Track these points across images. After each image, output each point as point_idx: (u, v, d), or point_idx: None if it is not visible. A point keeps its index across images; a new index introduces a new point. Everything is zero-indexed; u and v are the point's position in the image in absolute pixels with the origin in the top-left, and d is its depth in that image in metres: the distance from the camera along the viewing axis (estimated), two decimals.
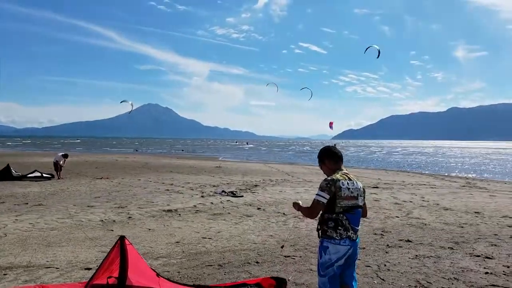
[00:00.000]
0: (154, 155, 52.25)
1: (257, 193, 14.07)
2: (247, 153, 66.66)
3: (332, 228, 3.45)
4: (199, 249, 6.83)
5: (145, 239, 7.44)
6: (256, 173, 22.89)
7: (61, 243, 7.18)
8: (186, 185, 16.29)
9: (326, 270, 3.47)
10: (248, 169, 26.58)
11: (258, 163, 36.93)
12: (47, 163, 25.53)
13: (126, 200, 12.22)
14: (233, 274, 5.56)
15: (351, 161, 43.14)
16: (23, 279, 5.24)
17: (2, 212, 9.98)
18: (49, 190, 14.34)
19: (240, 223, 9.00)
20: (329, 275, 3.47)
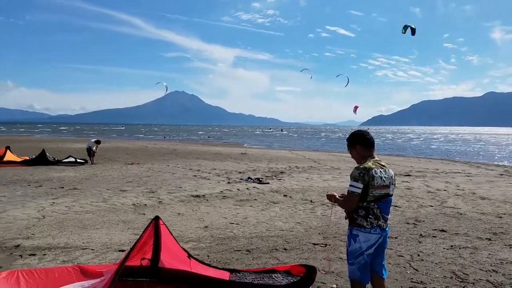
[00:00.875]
0: (181, 141, 53.07)
1: (283, 180, 14.06)
2: (272, 139, 66.56)
3: (362, 217, 3.40)
4: (227, 234, 6.93)
5: (175, 223, 7.62)
6: (282, 160, 22.85)
7: (95, 225, 7.46)
8: (213, 171, 16.49)
9: (356, 258, 3.44)
10: (273, 156, 26.56)
11: (283, 150, 36.83)
12: (80, 148, 26.41)
13: (156, 185, 12.51)
14: (261, 259, 5.61)
15: (381, 148, 42.30)
16: (61, 260, 5.49)
17: (40, 195, 10.45)
18: (83, 174, 14.86)
19: (266, 210, 9.05)
20: (359, 264, 3.44)
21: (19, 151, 20.66)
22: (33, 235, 6.70)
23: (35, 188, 11.55)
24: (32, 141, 43.63)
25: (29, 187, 11.71)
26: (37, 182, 12.71)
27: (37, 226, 7.31)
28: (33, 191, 11.01)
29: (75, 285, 4.18)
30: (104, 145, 22.00)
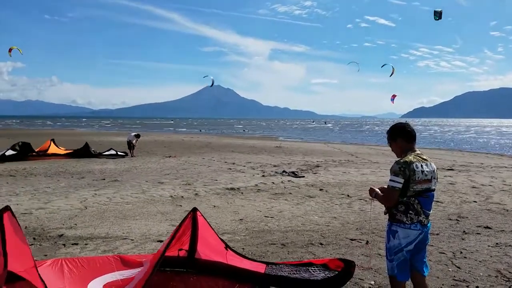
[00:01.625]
0: (217, 135, 53.71)
1: (319, 174, 13.86)
2: (307, 132, 65.91)
3: (402, 212, 3.30)
4: (262, 228, 6.92)
5: (211, 215, 7.69)
6: (317, 154, 22.57)
7: (135, 216, 7.67)
8: (248, 164, 16.54)
9: (395, 255, 3.36)
10: (308, 149, 26.29)
11: (318, 143, 36.39)
12: (121, 142, 27.31)
13: (192, 177, 12.71)
14: (296, 254, 5.56)
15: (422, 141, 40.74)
16: (102, 249, 5.68)
17: (82, 186, 10.89)
18: (123, 167, 15.35)
19: (302, 204, 8.95)
20: (398, 260, 3.36)
21: (63, 144, 21.61)
22: (75, 225, 6.98)
23: (78, 180, 12.05)
24: (75, 134, 45.68)
25: (72, 179, 12.24)
26: (79, 174, 13.26)
27: (79, 216, 7.61)
28: (76, 183, 11.50)
29: (115, 274, 4.30)
30: (142, 138, 22.61)
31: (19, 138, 20.95)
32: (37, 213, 7.75)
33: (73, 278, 4.16)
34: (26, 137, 23.51)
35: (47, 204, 8.62)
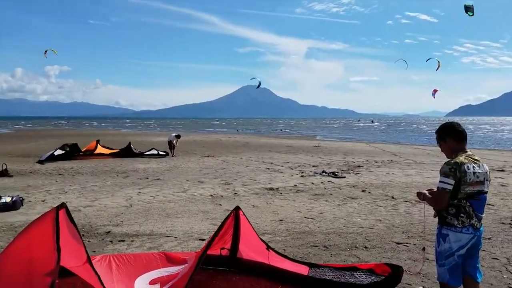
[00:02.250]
0: (254, 134, 53.91)
1: (361, 174, 13.53)
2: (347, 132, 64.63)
3: (453, 215, 3.17)
4: (303, 229, 6.84)
5: (251, 215, 7.69)
6: (359, 153, 22.05)
7: (177, 214, 7.84)
8: (285, 164, 16.45)
9: (446, 259, 3.23)
10: (349, 149, 25.75)
11: (359, 142, 35.56)
12: (162, 142, 28.03)
13: (231, 177, 12.82)
14: (340, 257, 5.44)
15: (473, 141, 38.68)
16: (147, 246, 5.84)
17: (127, 185, 11.27)
18: (165, 166, 15.75)
19: (343, 205, 8.77)
20: (449, 265, 3.23)
21: (108, 144, 22.44)
22: (121, 222, 7.23)
23: (123, 179, 12.48)
24: (119, 134, 47.44)
25: (118, 178, 12.70)
26: (124, 173, 13.73)
27: (125, 214, 7.87)
28: (121, 181, 11.92)
29: (161, 271, 4.40)
30: (182, 138, 23.08)
31: (66, 139, 22.06)
32: (85, 211, 8.10)
33: (120, 274, 4.29)
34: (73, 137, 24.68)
35: (94, 202, 8.99)
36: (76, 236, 3.76)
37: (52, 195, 9.77)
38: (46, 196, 9.61)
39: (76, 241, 3.67)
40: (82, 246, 3.70)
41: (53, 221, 3.38)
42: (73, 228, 3.73)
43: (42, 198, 9.36)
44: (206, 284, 4.29)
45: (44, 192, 10.07)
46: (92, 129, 71.04)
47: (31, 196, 9.53)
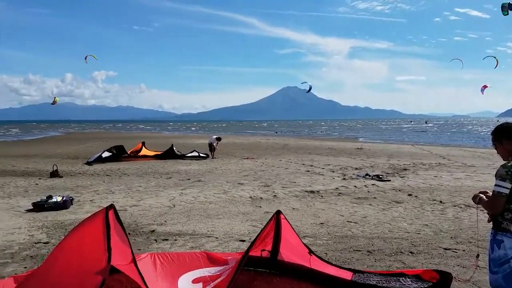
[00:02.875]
0: (293, 136, 53.63)
1: (407, 178, 13.04)
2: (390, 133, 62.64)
3: (509, 220, 2.99)
4: (345, 233, 6.68)
5: (291, 218, 7.58)
6: (404, 156, 21.30)
7: (218, 215, 7.93)
8: (326, 166, 16.21)
9: (500, 267, 3.03)
10: (394, 151, 24.93)
11: (405, 144, 34.35)
12: (203, 144, 28.56)
13: (270, 179, 12.80)
14: (384, 262, 5.26)
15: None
16: (189, 245, 5.94)
17: (170, 186, 11.57)
18: (205, 168, 16.03)
19: (388, 209, 8.49)
20: (503, 273, 3.02)
21: (151, 146, 23.17)
22: (165, 222, 7.41)
23: (166, 180, 12.83)
24: (162, 137, 48.88)
25: (161, 179, 13.07)
26: (167, 174, 14.11)
27: (168, 213, 8.08)
28: (164, 182, 12.25)
29: (203, 271, 4.46)
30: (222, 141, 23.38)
31: (113, 141, 23.00)
32: (131, 210, 8.39)
33: (164, 273, 4.39)
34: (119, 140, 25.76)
35: (139, 201, 9.29)
36: (122, 236, 3.87)
37: (100, 195, 10.20)
38: (94, 196, 10.06)
39: (123, 241, 3.78)
40: (128, 246, 3.81)
41: (103, 221, 3.50)
42: (120, 228, 3.85)
43: (90, 197, 9.80)
44: (247, 285, 4.29)
45: (92, 192, 10.55)
46: (136, 132, 73.74)
47: (80, 195, 10.01)
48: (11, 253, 5.63)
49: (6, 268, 5.05)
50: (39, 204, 8.45)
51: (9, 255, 5.57)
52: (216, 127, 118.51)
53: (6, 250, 5.75)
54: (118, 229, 3.83)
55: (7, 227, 7.05)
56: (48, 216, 7.85)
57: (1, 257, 5.48)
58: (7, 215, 7.95)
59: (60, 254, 3.65)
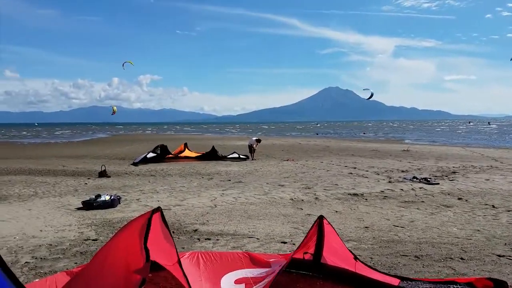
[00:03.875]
0: (334, 138, 52.70)
1: (457, 181, 12.41)
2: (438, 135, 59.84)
3: None
4: (391, 237, 6.45)
5: (333, 221, 7.47)
6: (454, 158, 20.28)
7: (259, 216, 7.92)
8: (371, 169, 15.76)
9: None
10: (442, 153, 23.80)
11: (454, 146, 32.74)
12: (242, 145, 28.77)
13: (311, 181, 12.64)
14: (433, 268, 5.02)
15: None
16: (231, 245, 5.98)
17: (212, 187, 11.73)
18: (245, 169, 16.11)
19: (437, 214, 8.11)
20: None
21: (193, 148, 23.62)
22: (207, 221, 7.51)
23: (208, 180, 13.02)
24: (203, 139, 49.79)
25: (203, 179, 13.28)
26: (208, 175, 14.32)
27: (210, 213, 8.18)
28: (206, 183, 12.44)
29: (245, 271, 4.45)
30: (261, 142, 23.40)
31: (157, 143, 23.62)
32: (175, 209, 8.58)
33: (208, 272, 4.44)
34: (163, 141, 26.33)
35: (182, 201, 9.49)
36: (168, 237, 3.94)
37: (146, 194, 10.52)
38: (140, 195, 10.39)
39: (169, 242, 3.85)
40: (173, 248, 3.88)
41: (145, 223, 3.59)
42: (166, 230, 3.92)
43: (136, 197, 10.13)
44: (290, 287, 4.24)
45: (138, 192, 10.91)
46: (179, 134, 75.58)
47: (127, 195, 10.37)
48: (62, 249, 5.91)
49: (58, 263, 5.31)
50: (89, 202, 8.82)
51: (61, 251, 5.85)
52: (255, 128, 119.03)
53: (58, 246, 6.06)
54: (165, 231, 3.91)
55: (58, 224, 7.43)
56: (97, 214, 8.19)
57: (53, 252, 5.77)
58: (59, 213, 8.38)
59: (108, 252, 3.78)
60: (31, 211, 8.51)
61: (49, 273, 4.84)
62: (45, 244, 6.15)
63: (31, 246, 6.05)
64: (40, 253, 5.71)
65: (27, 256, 5.58)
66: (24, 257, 5.56)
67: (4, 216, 7.93)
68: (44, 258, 5.52)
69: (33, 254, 5.66)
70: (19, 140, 52.03)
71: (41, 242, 6.28)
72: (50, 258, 5.50)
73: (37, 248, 5.95)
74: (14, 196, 10.46)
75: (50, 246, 6.07)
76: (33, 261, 5.39)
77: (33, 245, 6.12)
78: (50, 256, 5.59)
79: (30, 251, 5.83)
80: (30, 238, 6.49)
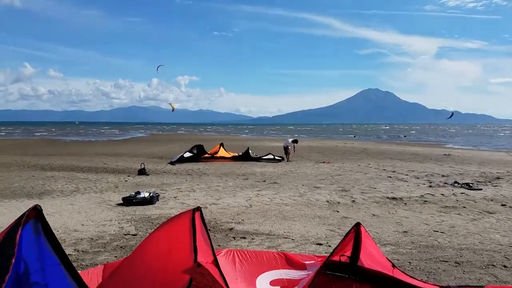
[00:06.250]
0: (372, 141, 51.50)
1: (501, 187, 11.85)
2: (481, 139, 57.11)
3: None
4: (431, 242, 6.27)
5: (371, 224, 7.36)
6: (497, 164, 19.32)
7: (294, 217, 7.92)
8: (410, 173, 15.31)
9: None
10: (486, 158, 22.74)
11: (498, 151, 31.17)
12: (278, 147, 28.75)
13: (348, 184, 12.45)
14: (474, 274, 4.85)
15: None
16: (266, 245, 6.02)
17: (247, 187, 11.84)
18: (280, 170, 16.11)
19: (479, 220, 7.78)
20: None
21: (228, 148, 23.86)
22: (243, 220, 7.60)
23: (243, 181, 13.15)
24: (238, 139, 50.19)
25: (238, 179, 13.42)
26: (244, 176, 14.45)
27: (245, 213, 8.27)
28: (241, 183, 12.57)
29: (281, 272, 4.47)
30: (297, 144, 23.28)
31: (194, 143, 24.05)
32: (211, 208, 8.74)
33: (243, 271, 4.48)
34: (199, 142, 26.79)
35: (218, 200, 9.65)
36: (205, 237, 3.98)
37: (183, 192, 10.79)
38: (178, 193, 10.66)
39: (205, 241, 3.89)
40: (210, 247, 3.89)
41: (190, 222, 3.64)
42: (204, 229, 3.99)
43: (174, 194, 10.41)
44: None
45: (176, 190, 11.20)
46: (215, 135, 76.62)
47: (165, 192, 10.68)
48: (103, 243, 6.18)
49: (99, 256, 5.56)
50: (129, 199, 9.15)
51: (102, 244, 6.12)
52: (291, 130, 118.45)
53: (98, 240, 6.34)
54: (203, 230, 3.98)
55: (99, 219, 7.77)
56: (136, 211, 8.50)
57: (94, 246, 6.04)
58: (99, 208, 8.76)
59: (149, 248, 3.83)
60: (73, 206, 8.95)
61: (90, 266, 5.08)
62: (87, 238, 6.45)
63: (73, 239, 6.36)
64: (82, 246, 6.00)
65: (69, 248, 5.86)
66: (66, 249, 5.79)
67: (48, 210, 8.37)
68: (85, 251, 5.79)
69: (75, 247, 5.96)
70: (62, 137, 54.58)
71: (82, 235, 6.59)
72: (91, 251, 5.77)
73: (78, 241, 6.25)
74: (57, 191, 11.02)
75: (91, 239, 6.36)
76: (75, 253, 5.66)
77: (75, 238, 6.44)
78: (91, 249, 5.86)
79: (72, 244, 6.13)
80: (72, 232, 6.83)
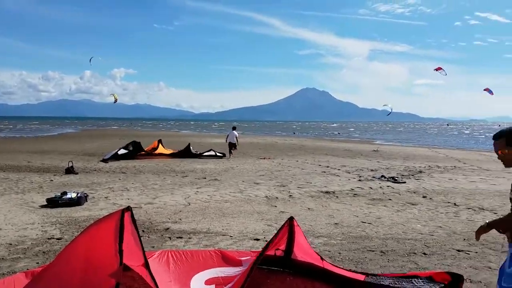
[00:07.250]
0: (310, 137, 53.36)
1: (422, 180, 12.93)
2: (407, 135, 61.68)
3: None
4: (359, 233, 6.68)
5: (306, 218, 7.67)
6: (420, 158, 21.04)
7: (233, 214, 8.00)
8: (342, 168, 16.13)
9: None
10: (409, 153, 24.64)
11: (421, 147, 33.90)
12: (220, 143, 28.74)
13: (286, 179, 12.82)
14: (397, 262, 5.27)
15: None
16: (203, 244, 6.03)
17: (186, 184, 11.70)
18: (222, 167, 16.13)
19: (402, 211, 8.44)
20: None
21: (168, 144, 23.35)
22: (180, 219, 7.52)
23: (182, 178, 12.97)
24: (179, 136, 49.34)
25: (177, 177, 13.22)
26: (183, 173, 14.26)
27: (183, 212, 8.18)
28: (180, 180, 12.40)
29: (216, 271, 4.49)
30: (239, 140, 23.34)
31: (129, 139, 23.14)
32: (146, 208, 8.50)
33: (177, 272, 4.42)
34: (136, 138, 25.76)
35: (154, 199, 9.42)
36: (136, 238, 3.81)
37: (115, 192, 10.31)
38: (109, 193, 10.16)
39: (136, 243, 3.73)
40: (140, 250, 3.73)
41: (117, 223, 3.47)
42: (134, 231, 3.84)
43: (105, 194, 9.91)
44: (261, 283, 4.32)
45: (107, 189, 10.68)
46: (153, 131, 74.45)
47: (95, 192, 10.11)
48: (23, 249, 5.69)
49: (18, 263, 5.10)
50: (54, 200, 8.48)
51: (22, 250, 5.63)
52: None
53: (18, 246, 5.82)
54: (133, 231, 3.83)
55: (20, 222, 7.15)
56: (62, 212, 7.93)
57: (13, 252, 5.54)
58: (21, 211, 8.05)
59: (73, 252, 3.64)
60: None
61: (8, 274, 4.65)
62: (4, 244, 5.91)
63: None
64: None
65: None
66: None
67: None
68: (2, 258, 5.31)
69: None
70: None
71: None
72: (9, 258, 5.29)
73: None
74: None
75: (9, 245, 5.85)
76: None
77: None
78: (9, 256, 5.38)
79: None
80: None
